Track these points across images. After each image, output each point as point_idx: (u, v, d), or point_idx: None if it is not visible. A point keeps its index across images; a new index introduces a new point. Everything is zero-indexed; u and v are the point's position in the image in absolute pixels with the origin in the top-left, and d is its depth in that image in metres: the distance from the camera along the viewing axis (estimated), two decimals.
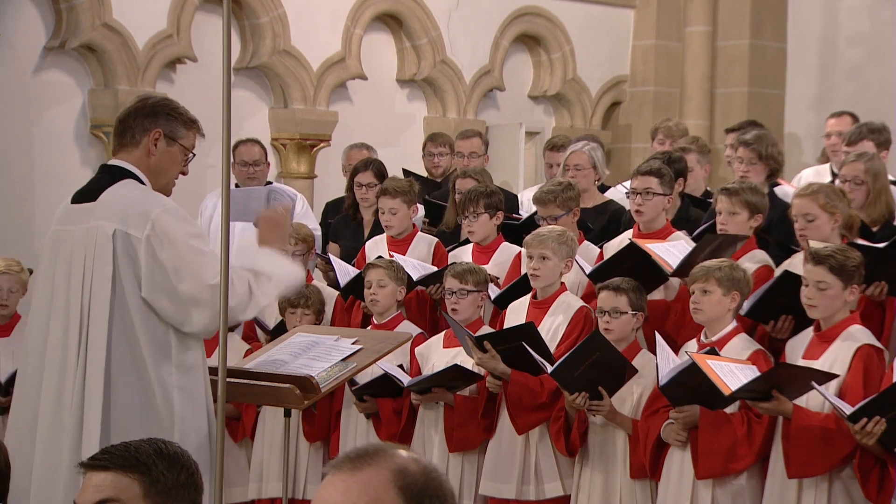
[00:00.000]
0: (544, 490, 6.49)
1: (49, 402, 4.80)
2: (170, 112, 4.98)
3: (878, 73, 11.91)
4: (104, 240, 4.75)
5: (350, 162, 9.31)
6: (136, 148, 4.93)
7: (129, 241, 4.75)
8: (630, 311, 6.22)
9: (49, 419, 4.79)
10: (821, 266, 5.66)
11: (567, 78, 12.12)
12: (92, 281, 4.76)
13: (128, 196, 4.82)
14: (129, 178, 4.89)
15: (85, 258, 4.79)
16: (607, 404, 6.10)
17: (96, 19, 9.65)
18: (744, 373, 5.69)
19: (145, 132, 4.93)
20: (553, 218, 7.14)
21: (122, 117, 5.01)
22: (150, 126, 4.92)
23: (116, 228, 4.74)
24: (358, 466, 2.39)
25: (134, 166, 4.92)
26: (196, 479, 3.10)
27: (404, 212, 7.68)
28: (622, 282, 6.28)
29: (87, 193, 4.97)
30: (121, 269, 4.74)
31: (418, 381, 6.67)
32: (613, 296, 6.24)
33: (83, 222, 4.85)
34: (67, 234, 4.90)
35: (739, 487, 5.82)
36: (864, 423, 5.29)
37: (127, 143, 4.95)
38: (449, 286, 6.81)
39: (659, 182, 6.84)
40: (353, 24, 10.94)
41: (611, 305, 6.23)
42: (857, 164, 6.92)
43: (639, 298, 6.27)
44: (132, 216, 4.75)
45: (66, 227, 4.93)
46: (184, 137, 4.99)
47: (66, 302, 4.83)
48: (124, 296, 4.74)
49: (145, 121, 4.94)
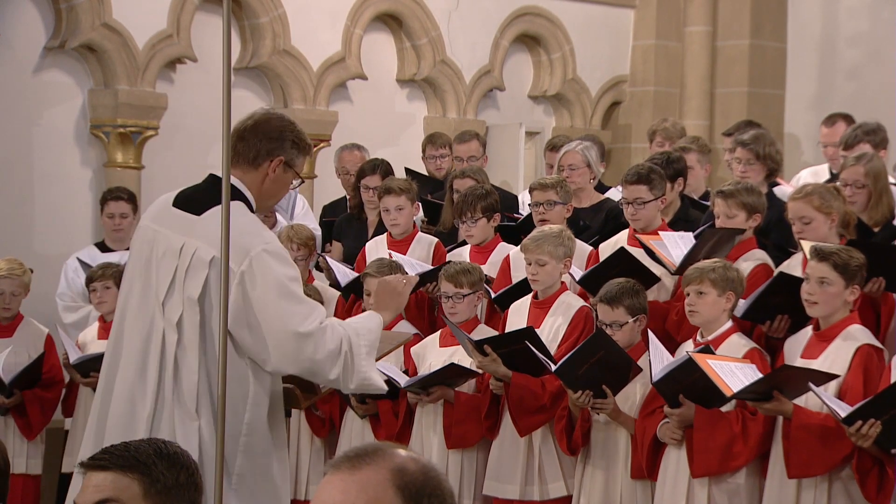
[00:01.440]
0: (548, 490, 6.50)
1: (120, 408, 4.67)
2: (295, 139, 4.77)
3: (877, 74, 11.91)
4: (200, 263, 4.60)
5: (343, 163, 9.32)
6: (255, 170, 4.73)
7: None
8: (630, 319, 6.22)
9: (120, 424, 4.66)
10: (824, 262, 5.67)
11: (567, 78, 12.12)
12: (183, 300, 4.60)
13: (233, 224, 4.52)
14: (238, 199, 4.67)
15: (176, 271, 4.63)
16: (611, 402, 6.10)
17: (96, 19, 9.65)
18: (743, 372, 5.69)
19: (268, 157, 4.73)
20: (550, 203, 7.16)
21: (244, 133, 4.76)
22: (275, 152, 4.72)
23: (215, 256, 4.55)
24: (357, 466, 2.38)
25: (246, 187, 4.74)
26: (196, 480, 3.10)
27: (409, 209, 7.72)
28: (617, 291, 6.26)
29: (192, 203, 4.75)
30: (210, 295, 4.58)
31: (415, 382, 6.67)
32: (610, 310, 6.24)
33: (181, 233, 4.68)
34: (161, 238, 4.72)
35: (736, 486, 5.83)
36: (860, 425, 5.29)
37: (244, 162, 4.73)
38: (444, 290, 6.80)
39: (648, 189, 6.83)
40: (353, 23, 10.94)
41: (610, 319, 6.24)
42: (857, 167, 6.92)
43: (636, 301, 6.26)
44: (234, 248, 4.47)
45: (161, 230, 4.74)
46: (299, 164, 4.83)
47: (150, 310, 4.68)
48: (211, 324, 4.58)
49: (270, 144, 4.73)
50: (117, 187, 9.08)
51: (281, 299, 4.56)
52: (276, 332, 4.55)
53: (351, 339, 4.63)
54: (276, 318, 4.55)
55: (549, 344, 6.50)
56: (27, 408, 7.93)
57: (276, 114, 4.92)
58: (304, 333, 4.55)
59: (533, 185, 7.51)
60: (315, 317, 4.60)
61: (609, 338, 6.10)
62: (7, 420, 8.00)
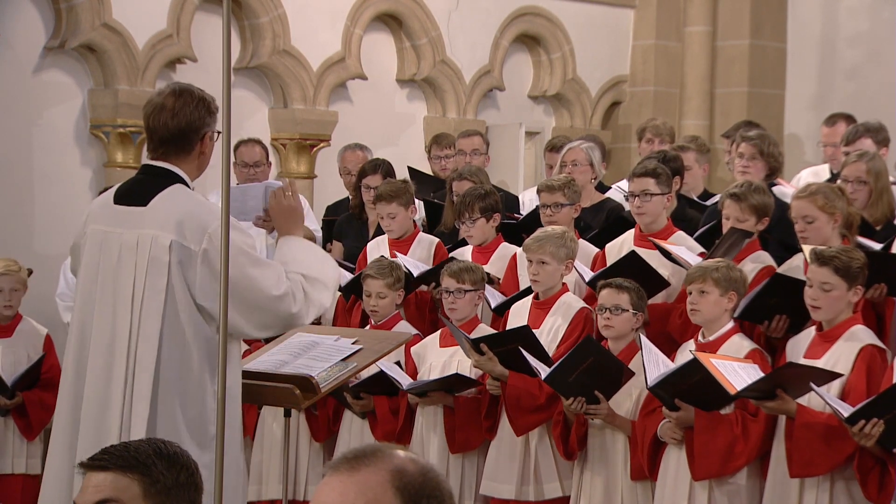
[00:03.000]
0: (543, 491, 6.50)
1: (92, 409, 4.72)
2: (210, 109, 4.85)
3: (877, 74, 11.91)
4: (160, 251, 4.67)
5: (346, 163, 9.31)
6: (189, 154, 4.85)
7: (185, 253, 4.67)
8: (631, 309, 6.23)
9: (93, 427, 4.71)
10: (825, 267, 5.65)
11: (567, 78, 12.12)
12: (144, 290, 4.68)
13: (183, 206, 4.72)
14: (177, 182, 4.79)
15: (136, 266, 4.70)
16: (604, 408, 6.10)
17: (96, 19, 9.65)
18: (747, 371, 5.69)
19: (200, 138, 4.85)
20: (558, 205, 7.16)
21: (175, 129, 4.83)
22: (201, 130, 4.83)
23: (173, 240, 4.66)
24: (355, 467, 2.38)
25: (182, 170, 4.82)
26: (196, 479, 3.10)
27: (402, 214, 7.67)
28: (625, 280, 6.30)
29: (134, 196, 4.83)
30: (174, 279, 4.67)
31: (418, 386, 6.67)
32: (616, 293, 6.25)
33: (133, 228, 4.75)
34: (114, 238, 4.78)
35: (737, 487, 5.83)
36: (862, 425, 5.29)
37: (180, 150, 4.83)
38: (446, 286, 6.81)
39: (656, 182, 6.84)
40: (353, 23, 10.94)
41: (612, 302, 6.24)
42: (858, 164, 6.91)
43: (640, 299, 6.28)
44: (189, 228, 4.67)
45: (112, 230, 4.80)
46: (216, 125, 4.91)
47: (112, 309, 4.74)
48: (176, 306, 4.67)
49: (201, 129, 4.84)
50: None
51: (249, 268, 4.69)
52: (255, 301, 4.68)
53: (301, 279, 4.81)
54: (252, 287, 4.68)
55: (549, 345, 6.49)
56: (27, 408, 7.94)
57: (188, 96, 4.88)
58: (282, 295, 4.71)
59: (540, 186, 7.50)
60: (282, 275, 4.74)
61: (598, 344, 6.10)
62: (7, 421, 8.01)
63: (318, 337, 5.80)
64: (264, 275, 4.72)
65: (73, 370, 4.83)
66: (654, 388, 5.79)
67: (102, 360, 4.73)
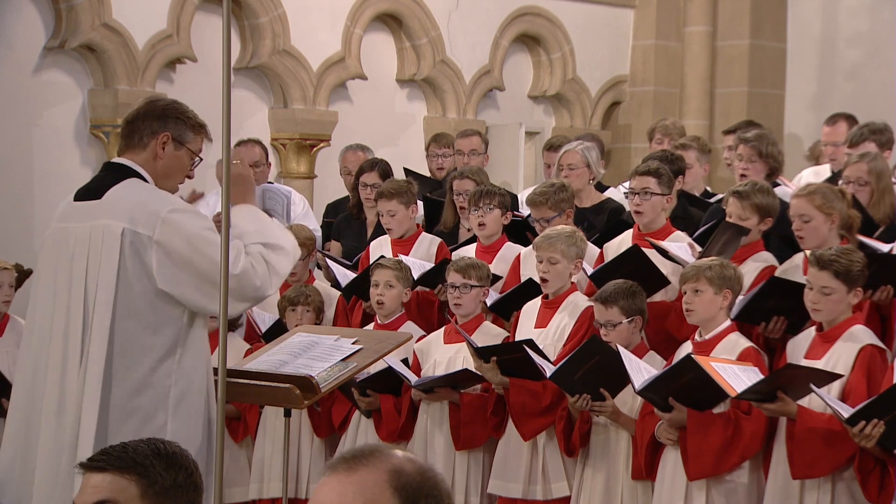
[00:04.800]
0: (551, 490, 6.50)
1: (52, 403, 4.77)
2: (179, 116, 4.94)
3: (877, 74, 11.91)
4: (111, 238, 4.72)
5: (346, 163, 9.31)
6: (144, 150, 4.90)
7: (138, 239, 4.72)
8: (624, 319, 6.21)
9: (52, 421, 4.76)
10: (825, 271, 5.64)
11: (567, 78, 12.12)
12: (98, 278, 4.73)
13: (135, 195, 4.79)
14: (134, 176, 4.86)
15: (89, 256, 4.77)
16: (610, 405, 6.10)
17: (96, 19, 9.66)
18: (746, 374, 5.68)
19: (153, 135, 4.89)
20: (546, 220, 7.16)
21: (129, 118, 4.97)
22: (159, 129, 4.88)
23: (125, 227, 4.71)
24: (353, 467, 2.38)
25: (140, 167, 4.89)
26: (195, 480, 3.10)
27: (403, 213, 7.68)
28: (612, 291, 6.25)
29: (90, 191, 4.93)
30: (128, 266, 4.71)
31: (427, 382, 6.68)
32: (604, 309, 6.23)
33: (87, 220, 4.82)
34: (69, 232, 4.86)
35: (734, 486, 5.82)
36: (863, 426, 5.29)
37: (134, 144, 4.92)
38: (451, 281, 6.82)
39: (657, 182, 6.84)
40: (353, 23, 10.95)
41: (604, 318, 6.24)
42: (860, 164, 6.91)
43: (632, 302, 6.24)
44: (141, 216, 4.73)
45: (67, 225, 4.89)
46: (191, 142, 4.96)
47: (67, 301, 4.79)
48: (131, 293, 4.72)
49: (154, 123, 4.90)
50: None
51: (207, 247, 4.72)
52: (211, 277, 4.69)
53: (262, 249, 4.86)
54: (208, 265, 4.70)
55: (555, 343, 6.52)
56: None
57: (163, 98, 5.09)
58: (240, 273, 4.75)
59: (527, 201, 7.49)
60: (240, 251, 4.78)
61: (604, 343, 6.09)
62: None
63: (318, 337, 5.81)
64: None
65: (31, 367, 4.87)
66: (644, 391, 5.79)
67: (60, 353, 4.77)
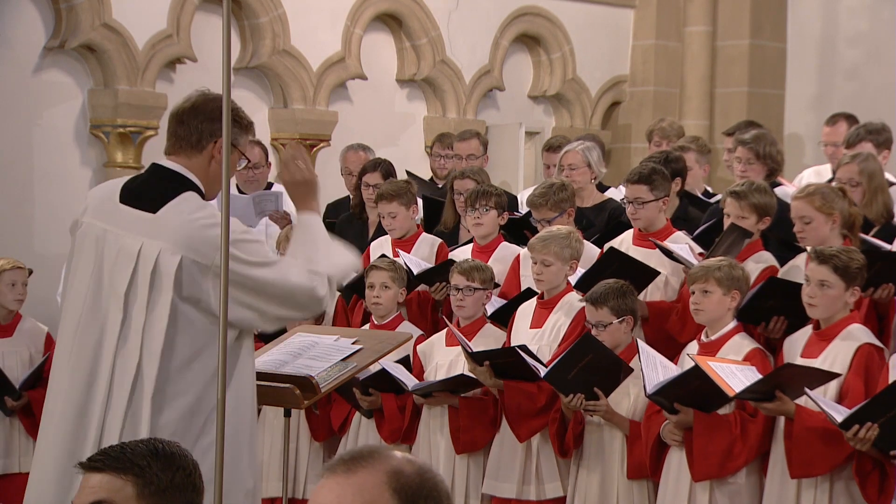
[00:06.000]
0: (545, 490, 6.50)
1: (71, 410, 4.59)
2: (236, 117, 4.56)
3: (877, 74, 11.91)
4: (167, 266, 4.46)
5: (347, 163, 9.31)
6: (199, 154, 4.61)
7: (196, 268, 4.47)
8: (615, 319, 6.21)
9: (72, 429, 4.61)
10: (824, 265, 5.66)
11: (567, 78, 12.11)
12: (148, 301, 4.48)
13: (194, 220, 4.50)
14: (189, 188, 4.58)
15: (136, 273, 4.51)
16: (604, 404, 6.11)
17: (96, 19, 9.66)
18: (744, 373, 5.69)
19: (211, 138, 4.59)
20: (547, 221, 7.16)
21: (180, 115, 4.65)
22: (218, 133, 4.50)
23: (184, 256, 4.45)
24: (352, 469, 2.38)
25: (193, 173, 4.61)
26: (193, 480, 3.09)
27: (403, 213, 7.69)
28: (602, 291, 6.26)
29: (142, 199, 4.60)
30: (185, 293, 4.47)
31: (422, 387, 6.68)
32: (594, 310, 6.25)
33: (138, 233, 4.54)
34: (113, 238, 4.60)
35: (737, 487, 5.83)
36: (857, 429, 5.29)
37: (187, 146, 4.61)
38: (455, 283, 6.83)
39: (648, 189, 6.83)
40: (353, 23, 10.95)
41: (595, 319, 6.24)
42: (851, 165, 6.92)
43: (623, 303, 6.23)
44: (202, 246, 4.45)
45: (113, 229, 4.62)
46: (243, 144, 4.71)
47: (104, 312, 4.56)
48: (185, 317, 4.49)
49: (212, 125, 4.58)
50: None
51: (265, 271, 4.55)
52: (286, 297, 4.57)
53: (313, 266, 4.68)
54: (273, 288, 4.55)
55: (551, 343, 6.53)
56: (33, 408, 7.96)
57: (213, 95, 4.72)
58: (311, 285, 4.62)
59: (527, 203, 7.50)
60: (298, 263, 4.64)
61: (597, 341, 6.10)
62: (13, 420, 8.06)
63: (318, 337, 5.80)
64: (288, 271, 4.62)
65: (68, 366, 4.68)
66: (653, 395, 5.79)
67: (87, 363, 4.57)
